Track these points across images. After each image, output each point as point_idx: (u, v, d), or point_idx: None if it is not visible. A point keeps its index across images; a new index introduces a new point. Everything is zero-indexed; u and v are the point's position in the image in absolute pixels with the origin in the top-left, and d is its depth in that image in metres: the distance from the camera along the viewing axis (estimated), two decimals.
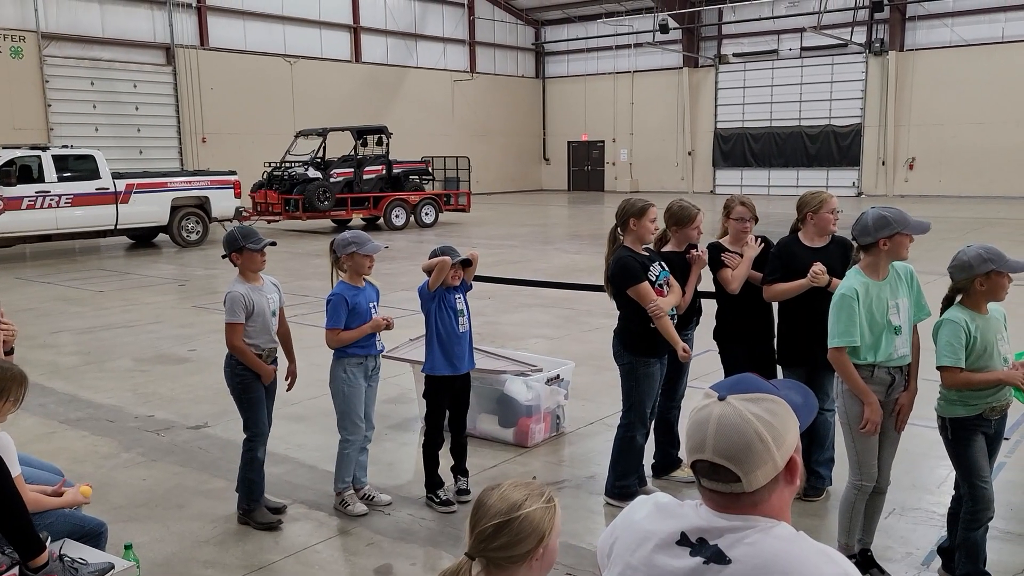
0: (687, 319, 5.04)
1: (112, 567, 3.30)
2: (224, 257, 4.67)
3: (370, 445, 4.97)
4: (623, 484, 4.83)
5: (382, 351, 4.97)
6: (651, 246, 4.87)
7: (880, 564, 4.03)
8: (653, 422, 5.03)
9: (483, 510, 1.83)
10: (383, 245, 4.84)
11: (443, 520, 4.69)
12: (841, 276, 4.50)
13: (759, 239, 5.00)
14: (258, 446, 4.63)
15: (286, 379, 4.87)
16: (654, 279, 4.62)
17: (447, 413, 4.94)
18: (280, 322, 4.75)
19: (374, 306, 4.80)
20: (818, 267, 4.52)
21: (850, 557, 3.90)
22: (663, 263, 4.76)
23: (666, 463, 5.25)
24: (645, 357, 4.70)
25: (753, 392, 1.48)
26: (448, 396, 4.88)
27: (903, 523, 4.55)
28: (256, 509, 4.62)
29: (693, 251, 4.98)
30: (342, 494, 4.81)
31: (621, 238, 4.71)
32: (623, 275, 4.59)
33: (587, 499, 5.00)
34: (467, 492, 4.91)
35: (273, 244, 4.66)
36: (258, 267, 4.63)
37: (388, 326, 4.79)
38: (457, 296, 4.79)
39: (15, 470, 3.18)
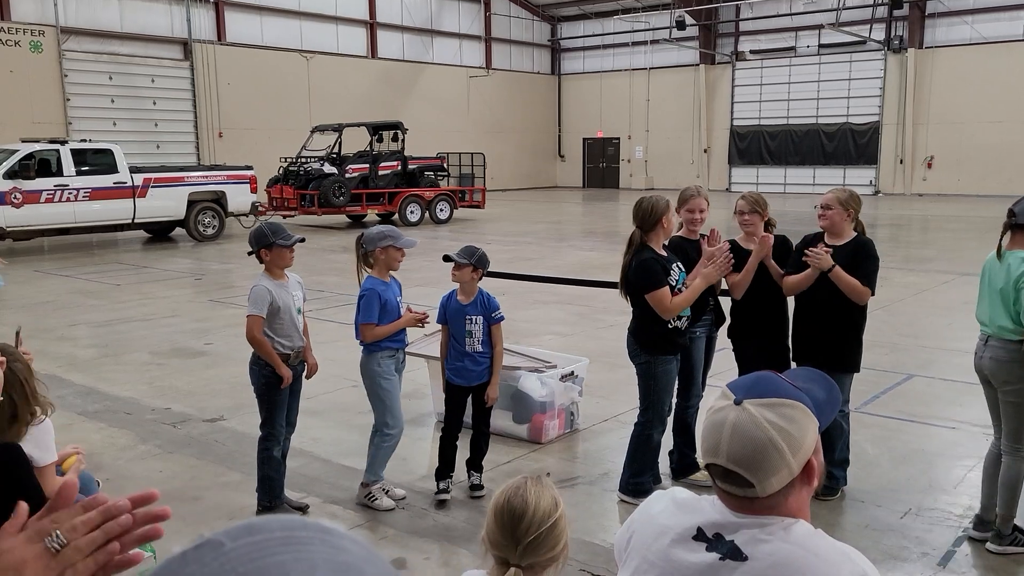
0: (698, 314, 5.01)
1: None
2: (251, 254, 4.58)
3: None
4: (638, 481, 4.82)
5: (406, 345, 4.99)
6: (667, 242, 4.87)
7: (900, 565, 4.03)
8: (670, 423, 5.03)
9: (525, 521, 1.83)
10: (416, 240, 4.87)
11: (457, 515, 4.70)
12: (851, 272, 4.54)
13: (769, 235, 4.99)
14: (273, 445, 4.62)
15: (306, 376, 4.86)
16: (674, 283, 4.64)
17: (467, 408, 4.98)
18: None
19: (400, 300, 4.82)
20: (816, 249, 4.58)
21: (1013, 530, 4.08)
22: (680, 264, 4.76)
23: (684, 465, 5.23)
24: (662, 355, 4.71)
25: (771, 395, 1.44)
26: (464, 399, 4.95)
27: (919, 523, 4.52)
28: (277, 507, 4.62)
29: (708, 234, 4.93)
30: (370, 487, 4.77)
31: (642, 240, 4.67)
32: (645, 278, 4.58)
33: (601, 496, 5.00)
34: (480, 488, 4.93)
35: (302, 241, 4.65)
36: (287, 264, 4.57)
37: (422, 322, 4.80)
38: (469, 317, 4.78)
39: (49, 456, 3.07)
